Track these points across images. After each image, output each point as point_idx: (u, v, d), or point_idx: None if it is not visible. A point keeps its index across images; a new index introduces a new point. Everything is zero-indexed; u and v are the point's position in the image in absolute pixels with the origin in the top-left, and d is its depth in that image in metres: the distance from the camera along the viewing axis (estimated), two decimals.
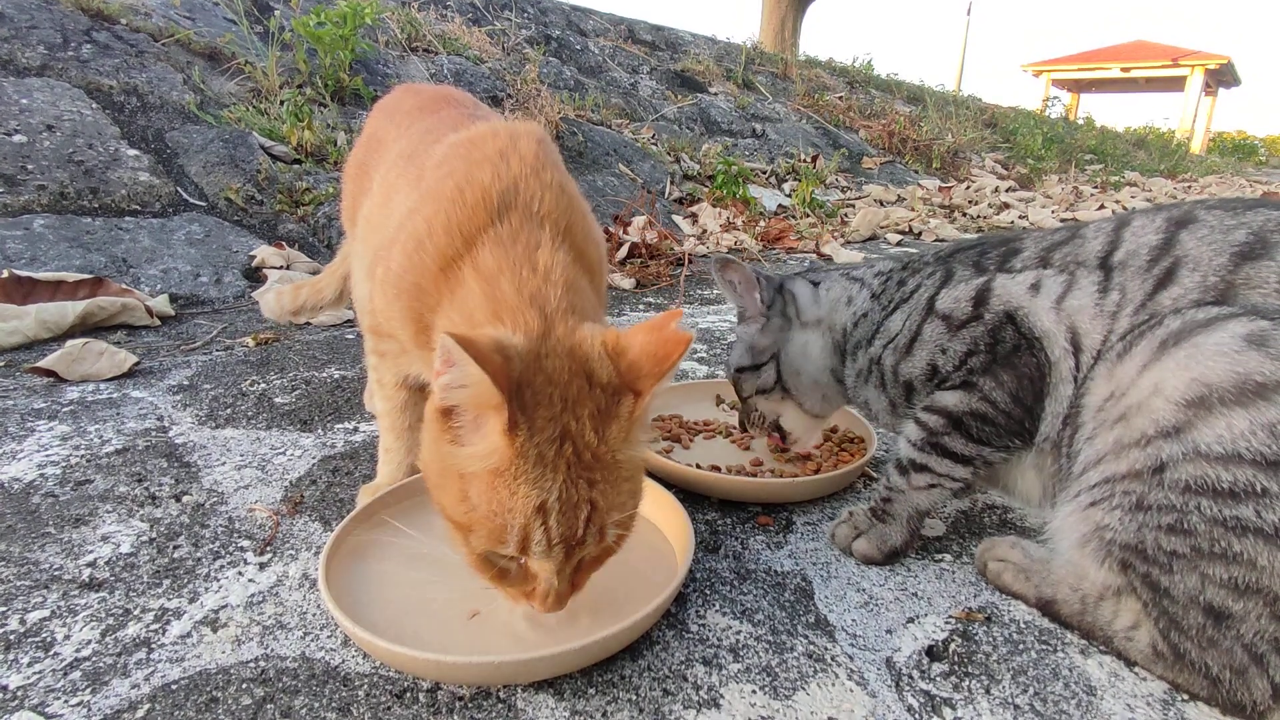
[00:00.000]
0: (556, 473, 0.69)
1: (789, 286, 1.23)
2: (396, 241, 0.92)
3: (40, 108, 2.50)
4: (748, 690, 0.78)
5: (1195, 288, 0.83)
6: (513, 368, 0.69)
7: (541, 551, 0.70)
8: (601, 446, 0.71)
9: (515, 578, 0.75)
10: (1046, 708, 0.78)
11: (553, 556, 0.70)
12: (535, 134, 1.01)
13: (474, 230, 0.86)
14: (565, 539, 0.70)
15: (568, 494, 0.69)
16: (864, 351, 1.10)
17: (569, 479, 0.69)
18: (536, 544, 0.69)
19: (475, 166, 0.91)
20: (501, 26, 5.26)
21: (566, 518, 0.69)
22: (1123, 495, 0.79)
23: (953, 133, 8.01)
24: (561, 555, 0.71)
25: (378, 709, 0.74)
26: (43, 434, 1.31)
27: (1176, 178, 10.49)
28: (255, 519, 1.08)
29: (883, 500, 1.04)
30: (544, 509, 0.68)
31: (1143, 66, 24.86)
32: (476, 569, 0.75)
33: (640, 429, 0.75)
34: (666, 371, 0.73)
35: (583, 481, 0.70)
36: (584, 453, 0.70)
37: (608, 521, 0.72)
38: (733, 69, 7.22)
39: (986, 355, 0.95)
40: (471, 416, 0.71)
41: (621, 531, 0.76)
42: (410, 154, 1.09)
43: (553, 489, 0.68)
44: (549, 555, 0.70)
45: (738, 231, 3.84)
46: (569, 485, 0.69)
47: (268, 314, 1.69)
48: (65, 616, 0.85)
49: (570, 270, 0.86)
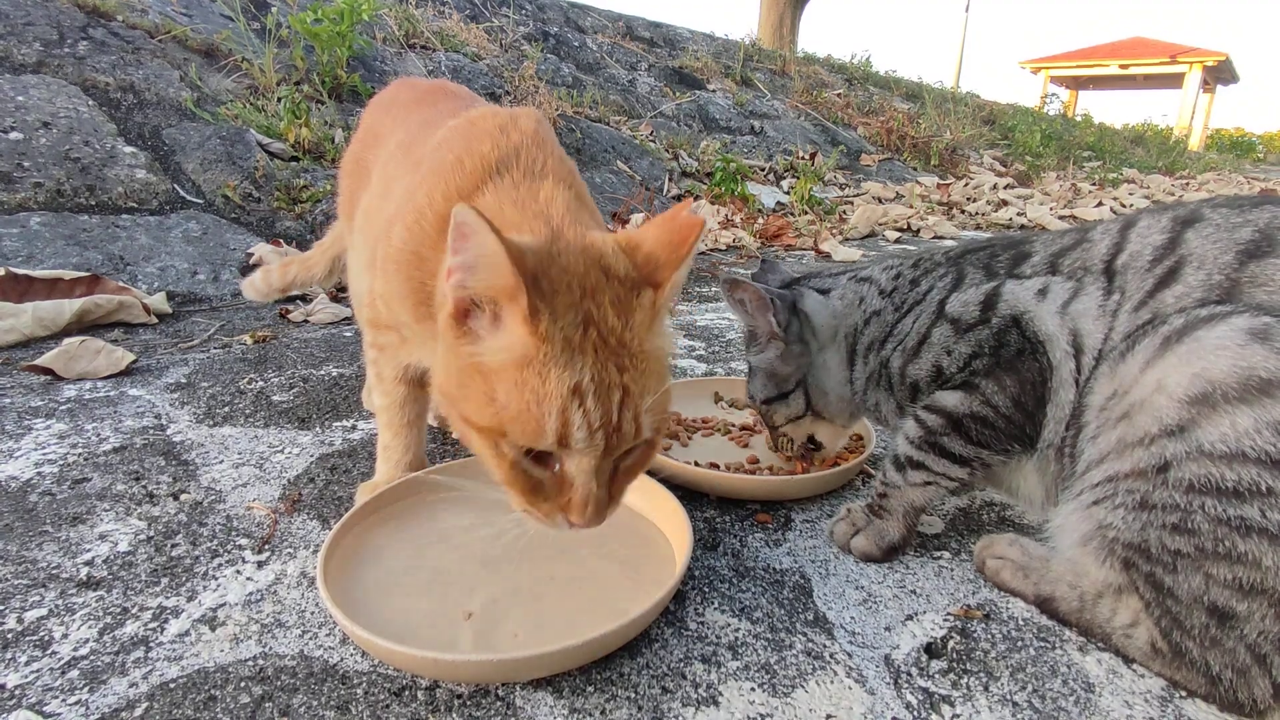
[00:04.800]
0: (585, 355, 0.68)
1: (802, 307, 1.17)
2: (397, 219, 0.92)
3: (36, 105, 2.49)
4: (746, 688, 0.78)
5: (1200, 286, 0.83)
6: (526, 258, 0.68)
7: (583, 439, 0.67)
8: (626, 333, 0.70)
9: (550, 489, 0.72)
10: (1045, 705, 0.78)
11: (593, 446, 0.68)
12: (534, 115, 1.01)
13: (472, 188, 0.86)
14: (604, 424, 0.68)
15: (600, 377, 0.68)
16: (875, 354, 1.09)
17: (599, 362, 0.68)
18: (577, 429, 0.67)
19: (475, 140, 0.91)
20: (499, 23, 5.25)
21: (602, 401, 0.68)
22: (1126, 494, 0.79)
23: (951, 130, 8.01)
24: (602, 444, 0.69)
25: (376, 707, 0.73)
26: (40, 432, 1.31)
27: (1174, 175, 10.49)
28: (253, 517, 1.08)
29: (879, 496, 1.04)
30: (579, 390, 0.67)
31: (1141, 63, 24.86)
32: (510, 485, 0.73)
33: (663, 320, 0.75)
34: (683, 258, 0.73)
35: (612, 366, 0.69)
36: (609, 338, 0.69)
37: (642, 409, 0.71)
38: (731, 66, 7.20)
39: (991, 358, 0.95)
40: (488, 314, 0.70)
41: (658, 423, 0.74)
42: (408, 144, 1.08)
43: (585, 370, 0.67)
44: (590, 444, 0.68)
45: (736, 229, 3.84)
46: (599, 368, 0.68)
47: (252, 295, 1.66)
48: (63, 615, 0.85)
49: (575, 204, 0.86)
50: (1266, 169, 18.60)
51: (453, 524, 1.02)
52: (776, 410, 1.19)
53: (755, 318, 1.16)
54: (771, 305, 1.13)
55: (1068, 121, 12.97)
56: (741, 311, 1.17)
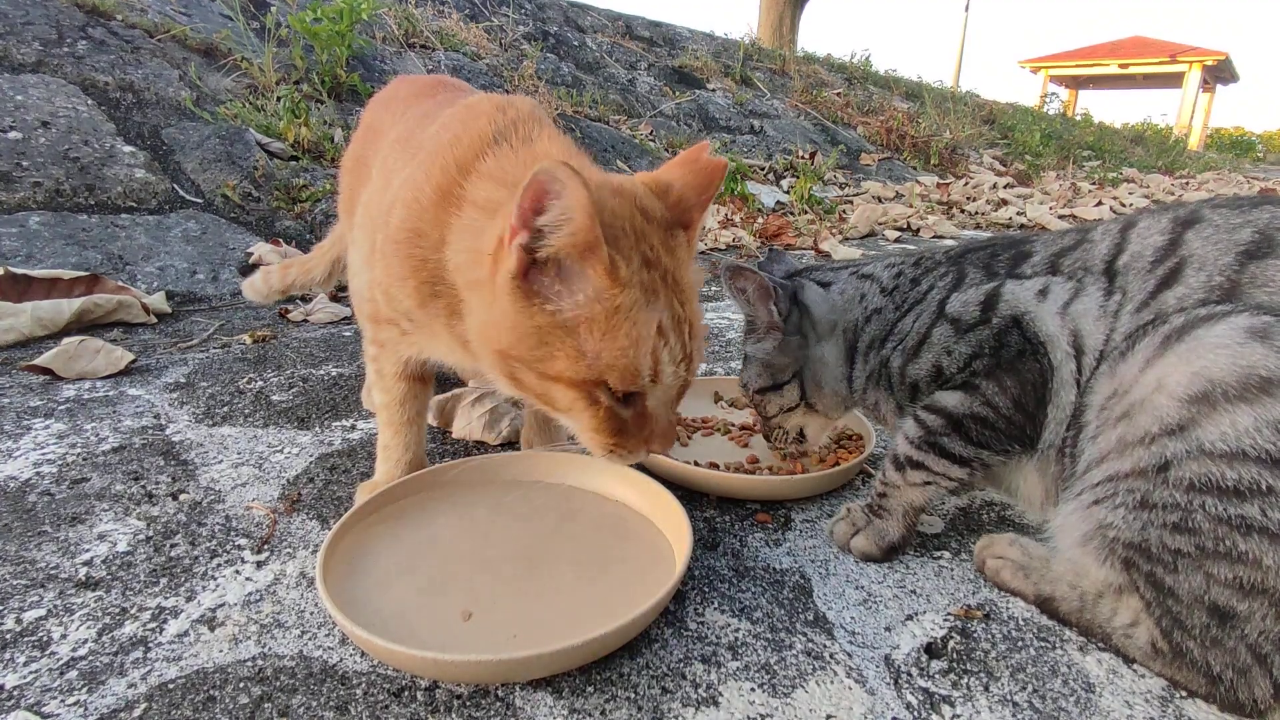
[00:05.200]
0: (658, 296, 0.72)
1: (803, 298, 1.17)
2: (396, 201, 0.92)
3: (35, 104, 2.49)
4: (746, 688, 0.78)
5: (1200, 287, 0.83)
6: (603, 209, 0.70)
7: (671, 373, 0.72)
8: (680, 270, 0.75)
9: (633, 426, 0.76)
10: (1045, 705, 0.78)
11: (678, 378, 0.74)
12: (531, 100, 1.02)
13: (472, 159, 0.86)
14: (685, 357, 0.73)
15: (673, 313, 0.72)
16: (876, 353, 1.09)
17: (668, 300, 0.72)
18: (665, 365, 0.71)
19: (472, 120, 0.92)
20: (499, 23, 5.24)
21: (680, 335, 0.73)
22: (1126, 493, 0.79)
23: (951, 129, 8.01)
24: (684, 375, 0.74)
25: (375, 707, 0.73)
26: (39, 432, 1.31)
27: (1174, 174, 10.49)
28: (252, 517, 1.08)
29: (879, 496, 1.04)
30: (663, 329, 0.71)
31: (1140, 63, 24.86)
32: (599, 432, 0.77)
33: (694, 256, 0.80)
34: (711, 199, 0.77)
35: (676, 302, 0.74)
36: (668, 277, 0.73)
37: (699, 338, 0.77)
38: (731, 65, 7.20)
39: (991, 359, 0.95)
40: (553, 272, 0.71)
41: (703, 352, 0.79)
42: (407, 136, 1.08)
43: (664, 309, 0.71)
44: (676, 376, 0.73)
45: (736, 228, 3.83)
46: (670, 306, 0.72)
47: (252, 297, 1.66)
48: (61, 615, 0.85)
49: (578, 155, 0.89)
50: (1266, 168, 18.60)
51: (452, 524, 1.02)
52: (770, 400, 1.19)
53: (755, 307, 1.15)
54: (774, 294, 1.13)
55: (1067, 121, 12.98)
56: (742, 300, 1.16)
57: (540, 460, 1.16)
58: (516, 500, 1.09)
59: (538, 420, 1.24)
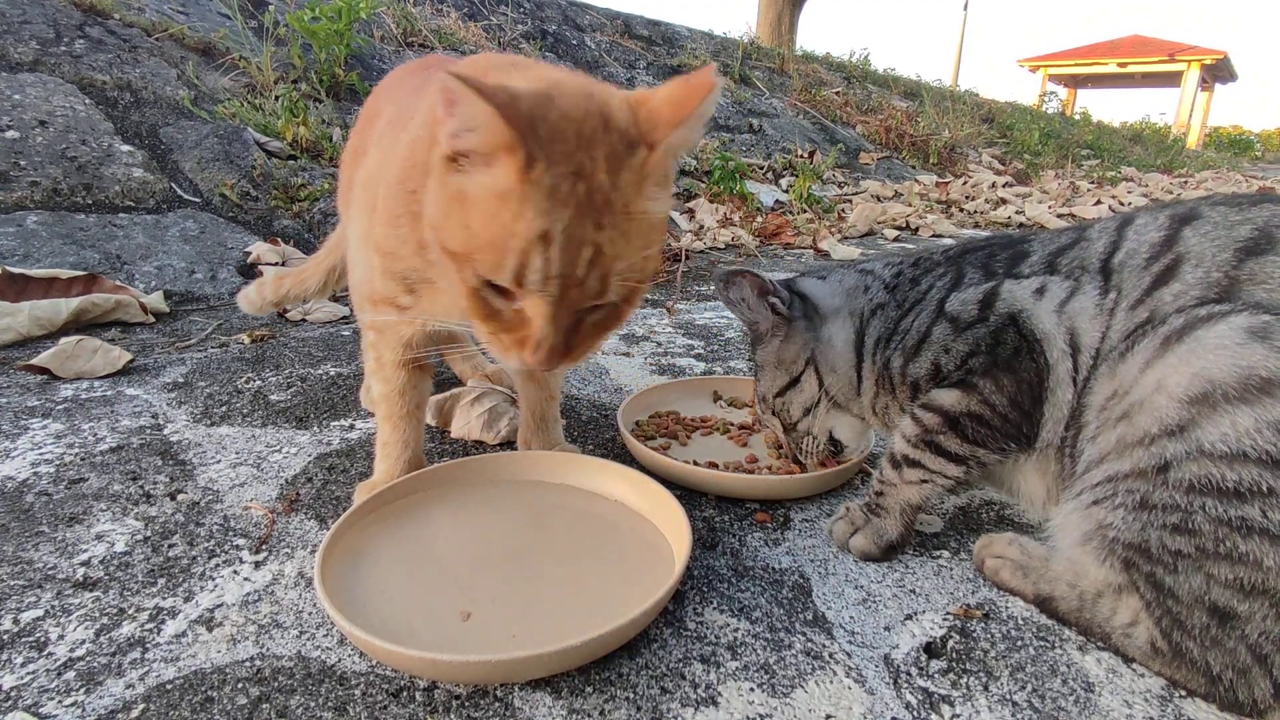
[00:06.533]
0: (565, 207, 0.68)
1: (799, 289, 1.17)
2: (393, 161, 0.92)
3: (33, 103, 2.48)
4: (746, 688, 0.78)
5: (1198, 284, 0.83)
6: (521, 104, 0.68)
7: (536, 283, 0.68)
8: (614, 192, 0.70)
9: (509, 322, 0.74)
10: (1045, 704, 0.78)
11: (548, 291, 0.69)
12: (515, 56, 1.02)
13: None
14: (564, 275, 0.68)
15: (573, 229, 0.68)
16: (881, 352, 1.08)
17: (577, 216, 0.68)
18: (532, 273, 0.68)
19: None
20: (497, 21, 5.24)
21: (568, 253, 0.68)
22: (1126, 494, 0.79)
23: (950, 128, 8.01)
24: (556, 292, 0.69)
25: (374, 708, 0.73)
26: (36, 432, 1.30)
27: (1173, 173, 10.50)
28: (251, 517, 1.07)
29: (876, 494, 1.04)
30: (547, 238, 0.67)
31: (1139, 62, 24.89)
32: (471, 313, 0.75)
33: (657, 183, 0.74)
34: (685, 119, 0.70)
35: (589, 222, 0.69)
36: (595, 194, 0.69)
37: (612, 270, 0.70)
38: (729, 64, 7.20)
39: (988, 357, 0.95)
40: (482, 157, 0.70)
41: (627, 287, 0.73)
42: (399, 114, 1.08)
43: (559, 220, 0.67)
44: (544, 289, 0.69)
45: (735, 227, 3.83)
46: (576, 221, 0.68)
47: (246, 308, 1.65)
48: (59, 616, 0.85)
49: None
50: (1265, 167, 18.62)
51: (450, 524, 1.02)
52: (791, 400, 1.15)
53: (754, 311, 1.15)
54: (771, 289, 1.13)
55: (1066, 120, 12.99)
56: (741, 309, 1.16)
57: (539, 460, 1.16)
58: (515, 500, 1.09)
59: (535, 419, 1.24)
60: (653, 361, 1.88)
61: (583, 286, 0.70)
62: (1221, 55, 24.13)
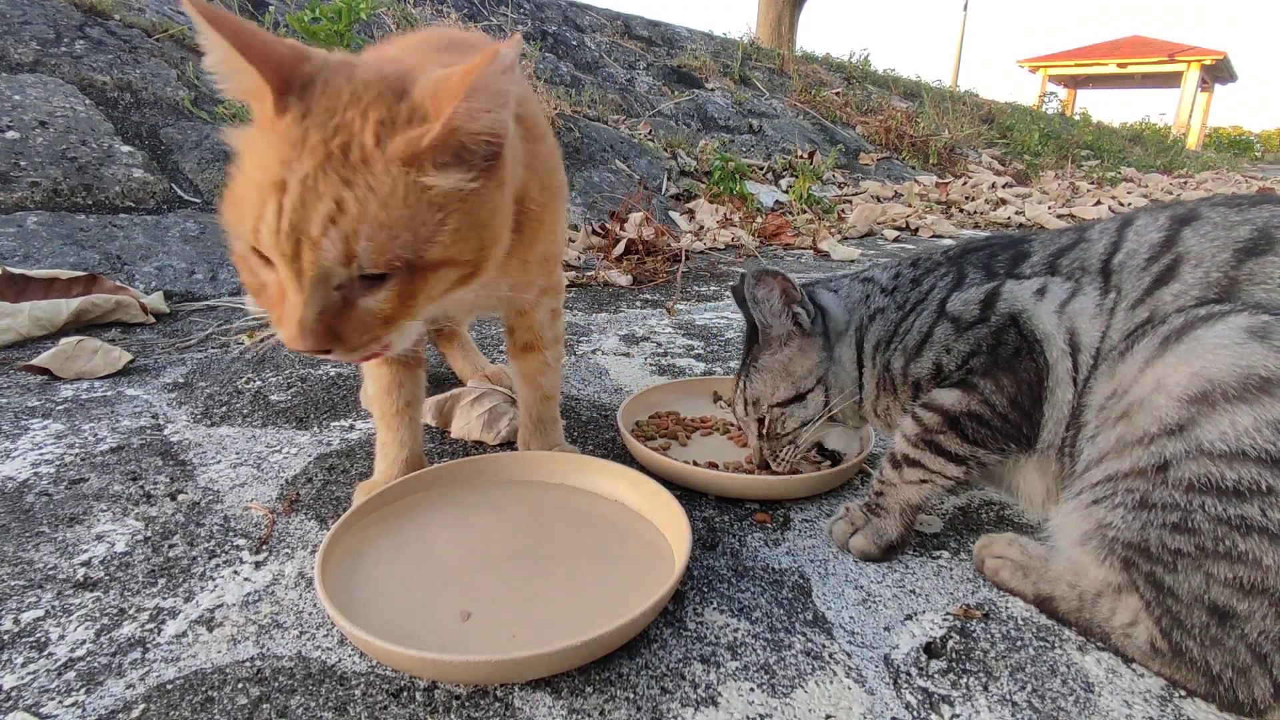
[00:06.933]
0: (310, 158, 0.65)
1: (819, 301, 1.15)
2: None
3: (33, 104, 2.48)
4: (746, 688, 0.78)
5: (1198, 284, 0.83)
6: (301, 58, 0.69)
7: (269, 234, 0.65)
8: (376, 152, 0.66)
9: (272, 297, 0.70)
10: (1045, 704, 0.78)
11: (279, 246, 0.65)
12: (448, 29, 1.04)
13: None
14: (296, 228, 0.65)
15: (313, 183, 0.65)
16: (882, 354, 1.08)
17: (322, 169, 0.65)
18: (266, 224, 0.65)
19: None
20: (497, 22, 5.24)
21: (306, 206, 0.65)
22: (1126, 493, 0.79)
23: (949, 128, 8.01)
24: (290, 249, 0.65)
25: (374, 708, 0.73)
26: (37, 432, 1.30)
27: (1172, 173, 10.50)
28: (251, 517, 1.08)
29: (876, 494, 1.04)
30: (283, 188, 0.64)
31: (1139, 62, 24.90)
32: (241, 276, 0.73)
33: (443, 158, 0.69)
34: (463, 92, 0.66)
35: (336, 177, 0.65)
36: (352, 151, 0.66)
37: (358, 232, 0.66)
38: (729, 65, 7.20)
39: (988, 357, 0.95)
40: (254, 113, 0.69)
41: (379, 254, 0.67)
42: None
43: (297, 171, 0.65)
44: (275, 246, 0.65)
45: (735, 228, 3.83)
46: (320, 174, 0.65)
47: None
48: (59, 616, 0.85)
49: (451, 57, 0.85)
50: (1264, 167, 18.62)
51: (451, 524, 1.02)
52: (791, 414, 1.13)
53: (774, 315, 1.12)
54: (800, 296, 1.11)
55: (1066, 120, 12.99)
56: (761, 308, 1.12)
57: (539, 460, 1.16)
58: (515, 500, 1.09)
59: (533, 420, 1.24)
60: (653, 362, 1.88)
61: (319, 248, 0.65)
62: (1221, 56, 24.15)
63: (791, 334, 1.12)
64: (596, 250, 3.17)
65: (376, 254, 0.67)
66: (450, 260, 0.73)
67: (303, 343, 0.69)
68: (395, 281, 0.71)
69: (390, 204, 0.67)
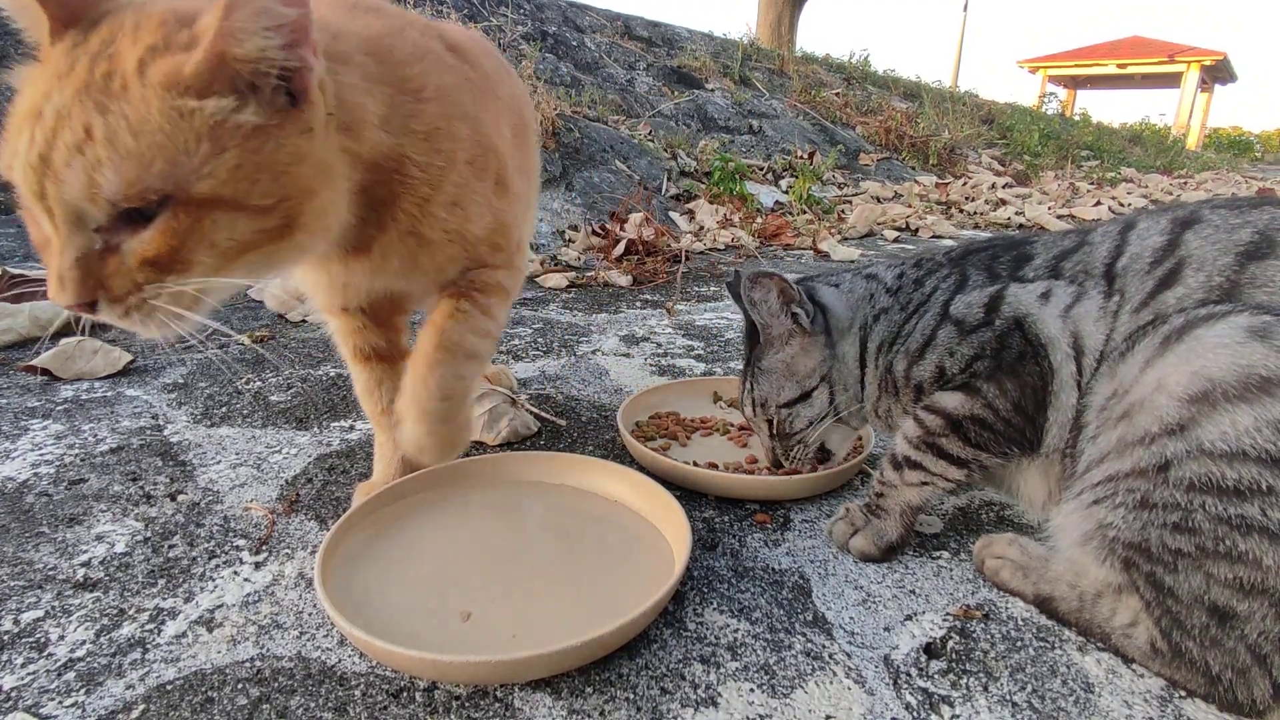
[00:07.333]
0: (68, 85, 0.62)
1: (819, 298, 1.14)
2: None
3: None
4: (746, 689, 0.78)
5: (1200, 287, 0.83)
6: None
7: (20, 168, 0.62)
8: (135, 78, 0.62)
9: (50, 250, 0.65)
10: (1045, 705, 0.78)
11: (27, 181, 0.62)
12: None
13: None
14: (42, 157, 0.61)
15: (69, 111, 0.61)
16: (884, 356, 1.08)
17: (79, 96, 0.61)
18: (19, 158, 0.61)
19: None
20: (497, 23, 5.24)
21: (56, 136, 0.60)
22: (1126, 493, 0.79)
23: (949, 129, 8.02)
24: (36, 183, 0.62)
25: (374, 708, 0.73)
26: (37, 433, 1.31)
27: (1172, 174, 10.51)
28: (251, 518, 1.08)
29: (876, 495, 1.04)
30: (36, 115, 0.61)
31: (1139, 63, 24.92)
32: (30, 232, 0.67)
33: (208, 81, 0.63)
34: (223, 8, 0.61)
35: (93, 104, 0.61)
36: (115, 79, 0.62)
37: (102, 160, 0.60)
38: (729, 65, 7.20)
39: (992, 361, 0.95)
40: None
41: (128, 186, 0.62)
42: None
43: (56, 99, 0.61)
44: (25, 177, 0.62)
45: (735, 228, 3.83)
46: (76, 102, 0.61)
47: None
48: (59, 617, 0.85)
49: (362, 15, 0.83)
50: (1264, 168, 18.63)
51: (450, 524, 1.02)
52: (798, 414, 1.13)
53: (773, 316, 1.11)
54: (798, 296, 1.11)
55: (1066, 121, 13.00)
56: (759, 310, 1.12)
57: (539, 461, 1.16)
58: (515, 500, 1.09)
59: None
60: (653, 362, 1.88)
61: (59, 178, 0.61)
62: (1221, 56, 24.17)
63: (792, 333, 1.12)
64: (596, 250, 3.17)
65: (125, 185, 0.61)
66: (230, 202, 0.65)
67: (62, 294, 0.63)
68: (163, 221, 0.64)
69: (143, 131, 0.62)
